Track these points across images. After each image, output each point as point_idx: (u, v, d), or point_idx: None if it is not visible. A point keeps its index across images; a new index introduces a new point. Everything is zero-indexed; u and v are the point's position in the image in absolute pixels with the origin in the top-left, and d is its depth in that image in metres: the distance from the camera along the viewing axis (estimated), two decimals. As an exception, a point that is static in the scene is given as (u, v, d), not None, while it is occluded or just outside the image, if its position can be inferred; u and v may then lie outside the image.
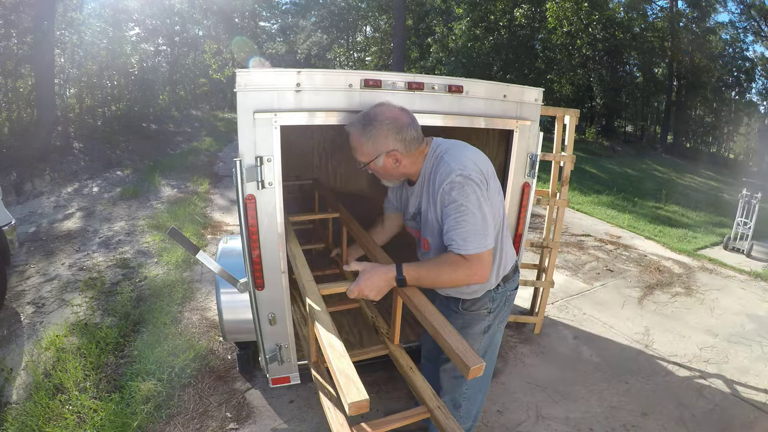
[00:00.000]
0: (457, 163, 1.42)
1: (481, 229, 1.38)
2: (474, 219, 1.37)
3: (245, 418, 2.36)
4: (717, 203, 10.49)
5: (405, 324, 2.83)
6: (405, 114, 1.51)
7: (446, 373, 1.81)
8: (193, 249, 1.74)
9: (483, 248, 1.38)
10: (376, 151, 1.50)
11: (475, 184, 1.38)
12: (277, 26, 28.94)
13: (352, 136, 1.54)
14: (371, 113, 1.50)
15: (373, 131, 1.48)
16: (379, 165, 1.53)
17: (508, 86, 2.06)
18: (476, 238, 1.37)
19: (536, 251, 4.95)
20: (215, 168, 9.21)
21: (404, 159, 1.52)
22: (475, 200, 1.38)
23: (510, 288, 1.71)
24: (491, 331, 1.72)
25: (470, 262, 1.38)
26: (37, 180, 6.98)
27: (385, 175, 1.60)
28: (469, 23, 17.82)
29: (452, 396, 1.82)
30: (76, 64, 11.34)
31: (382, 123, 1.47)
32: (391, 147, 1.49)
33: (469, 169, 1.40)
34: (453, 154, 1.47)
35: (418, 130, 1.53)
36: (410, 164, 1.54)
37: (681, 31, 20.76)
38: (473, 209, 1.37)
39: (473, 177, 1.39)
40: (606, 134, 22.50)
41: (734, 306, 4.00)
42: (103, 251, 4.56)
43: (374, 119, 1.48)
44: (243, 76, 1.61)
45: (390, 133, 1.47)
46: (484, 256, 1.39)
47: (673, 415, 2.54)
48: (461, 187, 1.38)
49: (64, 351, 2.80)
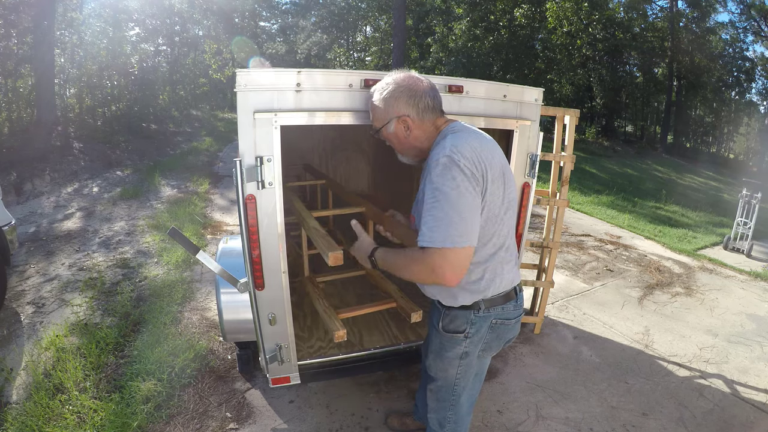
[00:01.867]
0: (453, 145, 1.28)
1: (453, 221, 1.22)
2: (446, 207, 1.22)
3: (245, 418, 2.36)
4: (717, 203, 10.49)
5: (405, 324, 2.83)
6: (424, 83, 1.44)
7: (432, 393, 1.74)
8: (193, 249, 1.74)
9: (450, 243, 1.21)
10: (387, 115, 1.45)
11: (460, 170, 1.24)
12: (277, 26, 28.97)
13: (370, 102, 1.51)
14: (390, 78, 1.46)
15: (386, 94, 1.44)
16: (390, 131, 1.47)
17: (508, 86, 2.06)
18: (444, 229, 1.22)
19: (536, 251, 4.95)
20: (215, 168, 9.21)
21: (415, 127, 1.43)
22: (454, 187, 1.23)
23: (499, 315, 1.50)
24: (469, 359, 1.57)
25: (432, 257, 1.23)
26: (37, 180, 6.98)
27: (398, 146, 1.51)
28: (469, 23, 17.83)
29: (438, 416, 1.76)
30: (76, 64, 11.34)
31: (397, 86, 1.43)
32: (402, 111, 1.42)
33: (461, 154, 1.25)
34: (458, 136, 1.35)
35: (436, 101, 1.44)
36: (422, 135, 1.45)
37: (681, 31, 20.77)
38: (448, 197, 1.23)
39: (461, 163, 1.24)
40: (606, 134, 22.51)
41: (734, 306, 4.00)
42: (103, 251, 4.56)
43: (390, 82, 1.44)
44: (243, 76, 1.61)
45: (402, 97, 1.42)
46: (448, 253, 1.22)
47: (673, 415, 2.54)
48: (444, 169, 1.25)
49: (64, 351, 2.80)
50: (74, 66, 11.33)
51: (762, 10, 20.81)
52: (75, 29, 11.07)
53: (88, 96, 11.48)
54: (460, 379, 1.63)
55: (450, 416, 1.73)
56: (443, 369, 1.62)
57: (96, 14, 12.32)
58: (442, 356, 1.59)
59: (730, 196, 11.64)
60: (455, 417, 1.74)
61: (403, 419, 2.34)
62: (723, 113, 25.37)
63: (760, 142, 23.84)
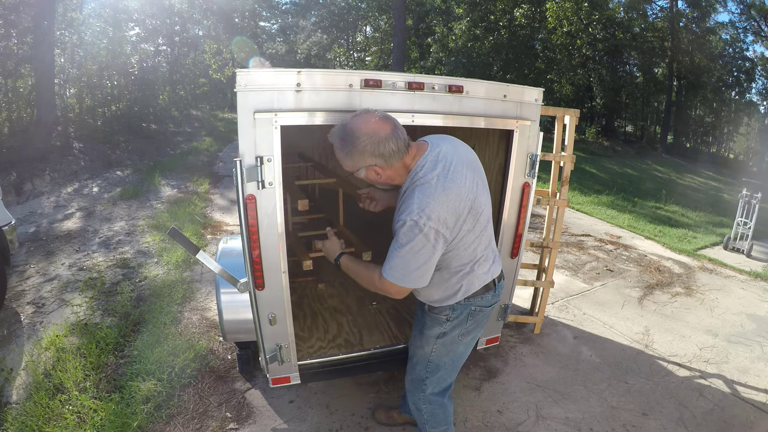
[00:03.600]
0: (419, 207, 1.38)
1: (406, 271, 1.46)
2: (404, 260, 1.45)
3: (245, 418, 2.36)
4: (717, 203, 10.49)
5: (405, 324, 2.83)
6: (385, 125, 1.43)
7: (408, 374, 1.90)
8: (193, 249, 1.74)
9: (398, 282, 1.48)
10: (355, 165, 1.49)
11: (423, 236, 1.39)
12: (277, 26, 28.95)
13: (334, 147, 1.51)
14: (349, 127, 1.44)
15: (350, 148, 1.43)
16: (362, 176, 1.54)
17: (508, 86, 2.06)
18: (398, 272, 1.47)
19: (536, 251, 4.95)
20: (215, 168, 9.20)
21: (386, 171, 1.49)
22: (414, 249, 1.41)
23: (478, 303, 1.66)
24: (447, 339, 1.70)
25: (383, 283, 1.51)
26: (37, 180, 6.98)
27: (372, 182, 1.61)
28: (469, 23, 17.83)
29: (412, 398, 1.90)
30: (76, 64, 11.34)
31: (359, 139, 1.41)
32: (369, 162, 1.45)
33: (426, 218, 1.37)
34: (424, 191, 1.41)
35: (400, 141, 1.44)
36: (394, 176, 1.52)
37: (681, 31, 20.78)
38: (408, 254, 1.43)
39: (424, 229, 1.38)
40: (606, 134, 22.52)
41: (734, 306, 4.00)
42: (103, 251, 4.56)
43: (351, 134, 1.43)
44: (243, 76, 1.61)
45: (367, 149, 1.42)
46: (394, 288, 1.50)
47: (673, 415, 2.54)
48: (409, 231, 1.40)
49: (64, 351, 2.80)
50: (74, 66, 11.33)
51: (762, 10, 20.80)
52: (75, 29, 11.07)
53: (88, 96, 11.48)
54: (433, 358, 1.75)
55: (422, 397, 1.85)
56: (420, 346, 1.77)
57: (96, 14, 12.32)
58: (422, 333, 1.75)
59: (730, 196, 11.64)
60: (427, 399, 1.84)
61: (390, 412, 2.37)
62: (723, 113, 25.37)
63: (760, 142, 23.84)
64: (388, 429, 2.34)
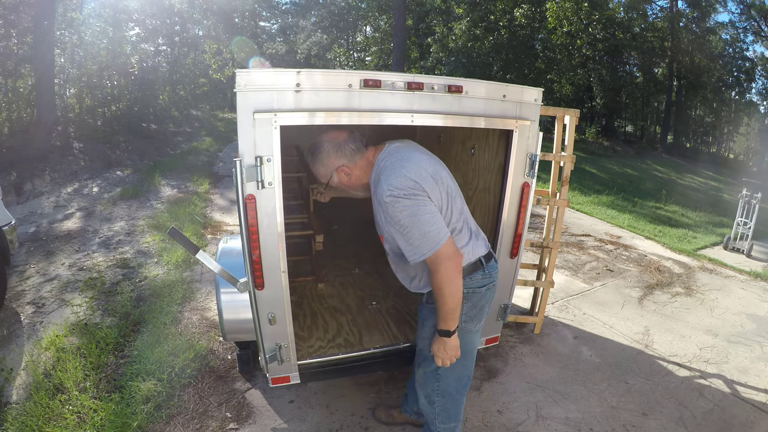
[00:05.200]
0: (388, 184, 1.54)
1: (426, 232, 1.51)
2: (414, 228, 1.51)
3: (245, 418, 2.37)
4: (717, 203, 10.49)
5: (405, 324, 2.83)
6: (342, 132, 1.70)
7: (420, 368, 1.90)
8: (193, 249, 1.74)
9: (436, 245, 1.51)
10: (327, 171, 1.71)
11: (404, 199, 1.52)
12: (277, 26, 28.94)
13: (309, 165, 1.75)
14: (315, 142, 1.71)
15: (318, 155, 1.70)
16: (335, 182, 1.73)
17: (507, 86, 2.06)
18: (425, 240, 1.51)
19: (536, 251, 4.95)
20: (215, 168, 9.20)
21: (353, 170, 1.70)
22: (409, 213, 1.51)
23: (468, 285, 1.69)
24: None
25: (437, 261, 1.52)
26: (37, 180, 6.98)
27: (348, 188, 1.78)
28: (469, 23, 17.82)
29: (425, 391, 1.90)
30: (76, 64, 11.34)
31: (323, 145, 1.68)
32: (336, 164, 1.69)
33: (396, 188, 1.52)
34: (387, 172, 1.59)
35: (358, 142, 1.69)
36: (361, 173, 1.71)
37: (681, 31, 20.78)
38: (410, 221, 1.51)
39: (400, 195, 1.52)
40: (606, 134, 22.52)
41: (734, 306, 4.00)
42: (103, 251, 4.56)
43: (316, 145, 1.70)
44: (243, 76, 1.61)
45: (331, 152, 1.68)
46: (441, 249, 1.51)
47: (673, 415, 2.54)
48: (393, 207, 1.52)
49: (64, 351, 2.80)
50: (74, 66, 11.33)
51: (762, 10, 20.80)
52: (75, 29, 11.08)
53: (88, 96, 11.48)
54: None
55: (436, 389, 1.85)
56: (424, 338, 1.81)
57: (96, 14, 12.32)
58: (424, 326, 1.81)
59: (730, 196, 11.64)
60: (441, 391, 1.85)
61: (390, 411, 2.38)
62: (723, 113, 25.37)
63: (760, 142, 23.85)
64: (388, 429, 2.34)
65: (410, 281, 1.79)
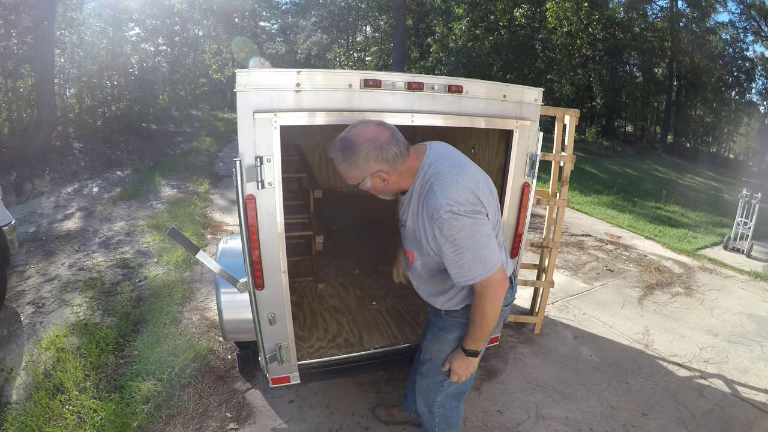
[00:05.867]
0: (445, 196, 1.37)
1: (481, 256, 1.39)
2: (469, 251, 1.38)
3: (245, 418, 2.36)
4: (717, 203, 10.49)
5: (405, 324, 2.83)
6: (383, 130, 1.44)
7: (422, 377, 1.84)
8: (193, 249, 1.74)
9: (489, 270, 1.40)
10: (360, 175, 1.46)
11: (465, 217, 1.36)
12: (277, 26, 28.97)
13: (335, 162, 1.47)
14: (348, 138, 1.43)
15: (353, 157, 1.42)
16: (367, 186, 1.50)
17: (507, 86, 2.06)
18: (478, 264, 1.39)
19: (536, 251, 4.95)
20: (215, 168, 9.20)
21: (391, 176, 1.47)
22: (469, 233, 1.37)
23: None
24: None
25: (487, 286, 1.42)
26: (37, 180, 6.98)
27: (378, 193, 1.56)
28: (469, 23, 17.82)
29: (426, 400, 1.85)
30: (76, 64, 11.35)
31: (360, 147, 1.41)
32: (374, 169, 1.44)
33: (457, 203, 1.36)
34: (443, 182, 1.41)
35: (401, 145, 1.45)
36: (399, 180, 1.50)
37: (681, 31, 20.77)
38: (467, 243, 1.37)
39: (461, 211, 1.36)
40: (606, 134, 22.53)
41: (734, 306, 4.00)
42: (103, 251, 4.56)
43: (352, 144, 1.42)
44: (243, 76, 1.61)
45: (370, 156, 1.41)
46: (493, 276, 1.41)
47: (673, 415, 2.54)
48: (451, 225, 1.36)
49: (64, 351, 2.80)
50: (74, 66, 11.34)
51: (762, 10, 20.81)
52: (75, 29, 11.08)
53: (88, 96, 11.49)
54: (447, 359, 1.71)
55: (438, 400, 1.81)
56: (439, 350, 1.72)
57: (96, 14, 12.33)
58: (440, 338, 1.71)
59: (730, 196, 11.64)
60: (442, 401, 1.81)
61: (390, 410, 2.37)
62: (723, 113, 25.38)
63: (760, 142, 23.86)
64: (388, 429, 2.34)
65: (437, 297, 1.66)
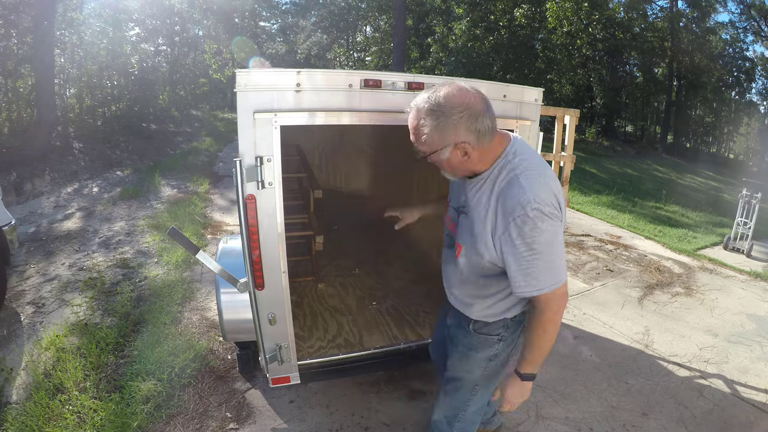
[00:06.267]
0: (534, 193, 1.23)
1: (553, 265, 1.28)
2: (544, 258, 1.26)
3: (245, 418, 2.36)
4: (717, 203, 10.49)
5: (405, 324, 2.83)
6: (479, 99, 1.25)
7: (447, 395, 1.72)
8: (193, 249, 1.74)
9: (558, 283, 1.28)
10: (442, 141, 1.26)
11: (549, 220, 1.24)
12: (277, 26, 28.98)
13: (415, 119, 1.28)
14: (440, 96, 1.24)
15: (442, 119, 1.23)
16: (443, 157, 1.29)
17: (507, 86, 2.06)
18: (547, 274, 1.27)
19: (536, 251, 4.95)
20: (215, 168, 9.20)
21: (474, 152, 1.28)
22: (548, 238, 1.25)
23: None
24: (498, 360, 1.56)
25: (551, 300, 1.30)
26: (37, 180, 6.98)
27: (449, 169, 1.36)
28: (469, 23, 17.82)
29: (446, 414, 1.73)
30: (76, 64, 11.35)
31: (453, 109, 1.22)
32: (461, 138, 1.25)
33: (545, 203, 1.23)
34: (530, 177, 1.27)
35: (494, 121, 1.28)
36: (478, 159, 1.31)
37: (681, 31, 20.77)
38: (544, 248, 1.25)
39: (548, 212, 1.23)
40: (606, 134, 22.52)
41: (734, 306, 4.00)
42: (103, 251, 4.56)
43: (444, 104, 1.23)
44: (243, 76, 1.61)
45: (461, 122, 1.23)
46: (560, 289, 1.29)
47: (673, 415, 2.54)
48: (534, 225, 1.22)
49: (64, 351, 2.80)
50: (74, 66, 11.34)
51: (762, 10, 20.81)
52: (75, 29, 11.08)
53: (88, 96, 11.49)
54: (484, 381, 1.60)
55: (461, 416, 1.70)
56: (468, 370, 1.59)
57: (96, 14, 12.34)
58: (469, 357, 1.57)
59: (730, 196, 11.64)
60: (464, 417, 1.72)
61: None
62: (723, 113, 25.38)
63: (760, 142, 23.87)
64: (388, 429, 2.34)
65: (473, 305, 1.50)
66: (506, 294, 1.42)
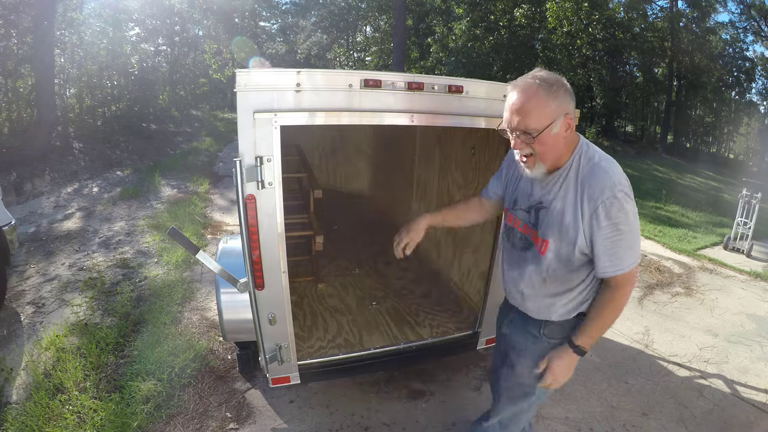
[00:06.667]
0: (617, 177, 1.33)
1: (633, 245, 1.35)
2: (627, 238, 1.33)
3: (245, 418, 2.36)
4: (717, 203, 10.48)
5: (405, 324, 2.83)
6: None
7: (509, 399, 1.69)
8: (193, 249, 1.74)
9: (636, 262, 1.36)
10: (557, 111, 1.30)
11: (631, 201, 1.33)
12: (277, 26, 28.98)
13: (524, 96, 1.31)
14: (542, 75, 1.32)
15: (555, 87, 1.29)
16: (554, 132, 1.31)
17: (508, 86, 2.05)
18: (629, 253, 1.34)
19: (536, 251, 4.95)
20: (215, 168, 9.21)
21: (570, 130, 1.37)
22: (633, 219, 1.33)
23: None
24: None
25: (626, 280, 1.37)
26: (37, 180, 6.98)
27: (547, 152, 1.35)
28: (469, 23, 17.81)
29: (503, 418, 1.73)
30: (76, 64, 11.35)
31: (559, 81, 1.31)
32: (569, 109, 1.33)
33: (626, 185, 1.33)
34: (609, 163, 1.38)
35: None
36: (569, 143, 1.39)
37: (681, 31, 20.76)
38: (628, 229, 1.32)
39: (630, 194, 1.33)
40: (606, 134, 22.49)
41: (734, 306, 4.00)
42: (103, 251, 4.56)
43: (549, 78, 1.31)
44: (243, 76, 1.61)
45: (567, 95, 1.32)
46: (636, 268, 1.38)
47: (673, 415, 2.54)
48: (622, 206, 1.29)
49: (64, 351, 2.80)
50: (74, 66, 11.34)
51: (762, 10, 20.80)
52: (75, 29, 11.08)
53: (88, 96, 11.49)
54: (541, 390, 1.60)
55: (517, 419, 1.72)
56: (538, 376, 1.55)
57: (96, 14, 12.34)
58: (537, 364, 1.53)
59: (730, 196, 11.63)
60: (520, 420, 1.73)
61: None
62: (723, 113, 25.36)
63: (760, 142, 23.85)
64: (388, 429, 2.34)
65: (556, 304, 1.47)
66: (588, 283, 1.45)
